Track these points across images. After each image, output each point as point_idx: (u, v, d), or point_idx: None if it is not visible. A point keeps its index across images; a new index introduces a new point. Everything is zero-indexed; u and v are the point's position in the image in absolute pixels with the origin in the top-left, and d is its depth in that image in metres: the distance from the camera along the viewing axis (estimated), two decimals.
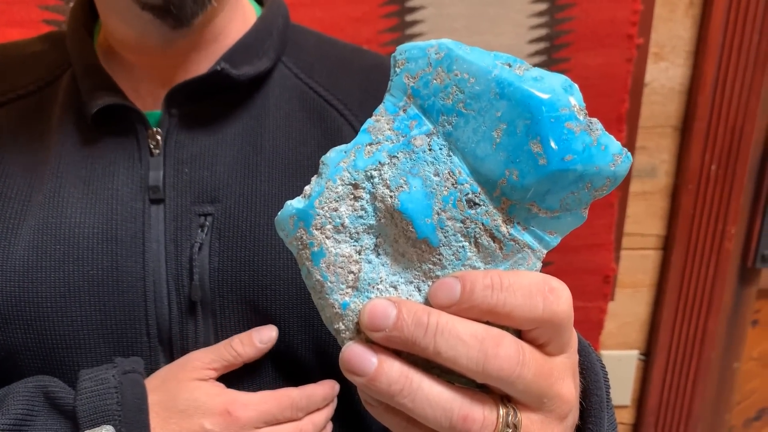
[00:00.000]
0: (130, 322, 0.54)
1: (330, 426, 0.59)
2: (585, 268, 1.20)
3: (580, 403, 0.37)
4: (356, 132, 0.51)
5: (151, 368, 0.54)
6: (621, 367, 1.34)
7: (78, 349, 0.54)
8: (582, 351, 0.38)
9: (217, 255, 0.54)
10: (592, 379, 0.39)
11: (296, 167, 0.58)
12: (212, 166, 0.57)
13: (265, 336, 0.54)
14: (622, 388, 1.35)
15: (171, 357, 0.55)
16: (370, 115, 0.31)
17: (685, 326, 1.30)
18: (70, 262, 0.53)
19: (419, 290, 0.31)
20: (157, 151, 0.56)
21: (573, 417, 0.35)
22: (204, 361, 0.53)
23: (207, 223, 0.55)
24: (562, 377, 0.31)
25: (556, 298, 0.29)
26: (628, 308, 1.31)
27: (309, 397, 0.55)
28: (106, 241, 0.53)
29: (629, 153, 0.30)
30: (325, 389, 0.56)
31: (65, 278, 0.53)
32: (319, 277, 0.30)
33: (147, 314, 0.54)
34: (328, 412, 0.57)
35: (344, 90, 0.62)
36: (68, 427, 0.49)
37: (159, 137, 0.56)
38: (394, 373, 0.29)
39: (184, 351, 0.55)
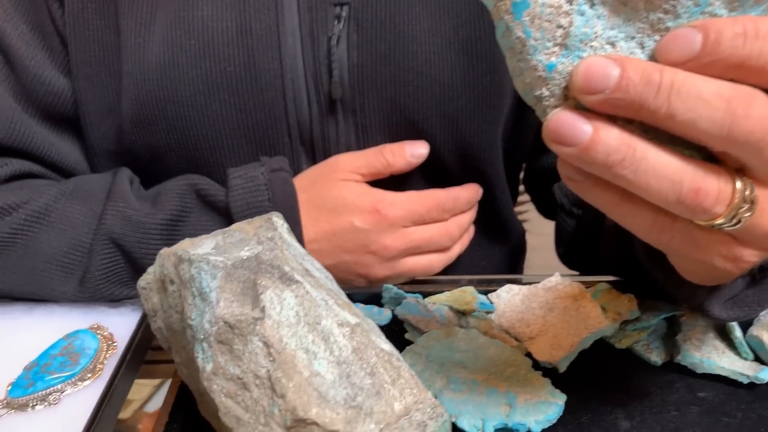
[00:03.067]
0: (271, 122, 0.52)
1: (472, 229, 0.57)
2: None
3: None
4: None
5: (294, 169, 0.53)
6: None
7: (221, 150, 0.53)
8: None
9: (356, 49, 0.51)
10: None
11: None
12: None
13: (417, 150, 0.52)
14: None
15: (313, 158, 0.54)
16: None
17: None
18: (206, 58, 0.50)
19: (642, 47, 0.26)
20: None
21: None
22: (353, 165, 0.51)
23: (343, 13, 0.51)
24: None
25: None
26: None
27: (455, 199, 0.53)
28: (241, 35, 0.50)
29: None
30: (470, 192, 0.54)
31: (203, 75, 0.51)
32: (520, 33, 0.26)
33: (287, 114, 0.52)
34: (472, 215, 0.56)
35: None
36: (222, 222, 0.49)
37: None
38: (612, 141, 0.25)
39: (326, 152, 0.53)
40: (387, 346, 0.31)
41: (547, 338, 0.45)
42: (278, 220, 0.35)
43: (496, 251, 0.62)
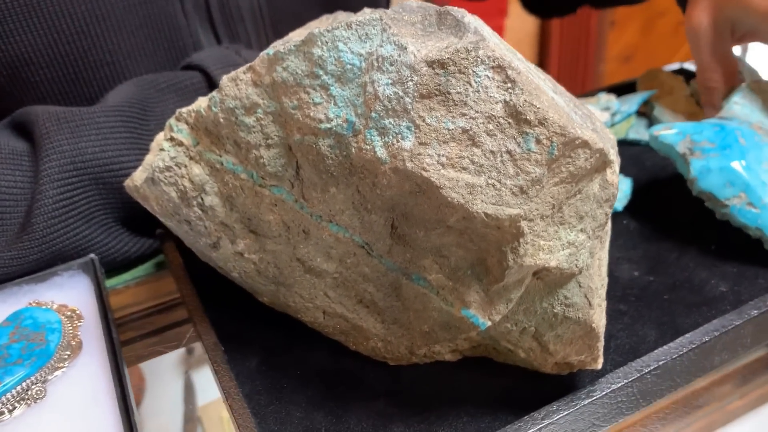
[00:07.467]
0: None
1: None
2: None
3: None
4: None
5: (194, 42, 0.46)
6: None
7: (107, 34, 0.42)
8: None
9: None
10: None
11: None
12: None
13: None
14: None
15: (213, 28, 0.47)
16: None
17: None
18: None
19: None
20: None
21: None
22: None
23: None
24: None
25: None
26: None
27: None
28: None
29: None
30: None
31: None
32: None
33: None
34: None
35: None
36: (194, 90, 0.41)
37: None
38: None
39: (225, 15, 0.46)
40: None
41: None
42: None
43: None
